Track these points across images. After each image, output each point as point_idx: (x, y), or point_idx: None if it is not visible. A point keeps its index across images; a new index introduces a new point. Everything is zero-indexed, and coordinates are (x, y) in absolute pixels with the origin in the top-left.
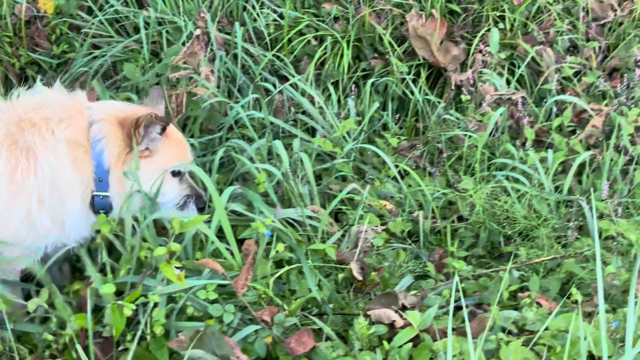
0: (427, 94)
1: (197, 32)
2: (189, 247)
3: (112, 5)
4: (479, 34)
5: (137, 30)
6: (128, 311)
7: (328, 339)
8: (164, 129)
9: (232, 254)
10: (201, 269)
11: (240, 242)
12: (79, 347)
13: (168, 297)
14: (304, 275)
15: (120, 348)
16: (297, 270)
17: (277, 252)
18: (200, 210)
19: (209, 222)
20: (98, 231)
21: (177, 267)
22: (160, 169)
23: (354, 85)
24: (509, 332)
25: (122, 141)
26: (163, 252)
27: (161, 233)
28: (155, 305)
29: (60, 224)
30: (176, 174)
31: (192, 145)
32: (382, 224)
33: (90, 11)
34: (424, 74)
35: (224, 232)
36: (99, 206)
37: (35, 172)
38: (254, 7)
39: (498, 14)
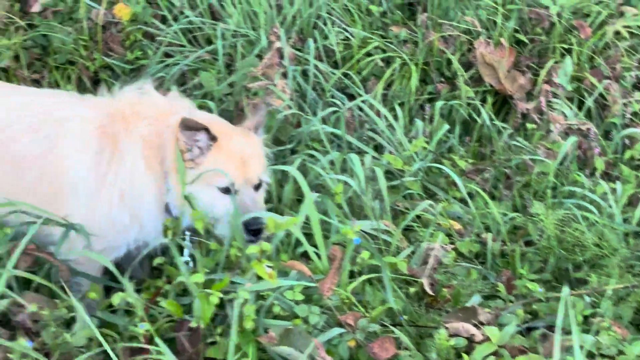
0: (492, 120)
1: (277, 45)
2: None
3: (186, 16)
4: (547, 65)
5: (209, 41)
6: (215, 299)
7: (405, 348)
8: (213, 139)
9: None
10: (287, 270)
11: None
12: (159, 340)
13: (256, 295)
14: (375, 286)
15: (207, 341)
16: (368, 281)
17: (362, 259)
18: (253, 233)
19: None
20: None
21: (267, 266)
22: (202, 181)
23: (419, 107)
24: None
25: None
26: (255, 250)
27: None
28: (245, 301)
29: (138, 222)
30: (224, 190)
31: None
32: (449, 243)
33: (164, 20)
34: (490, 100)
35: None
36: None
37: (117, 165)
38: (325, 24)
39: (565, 46)
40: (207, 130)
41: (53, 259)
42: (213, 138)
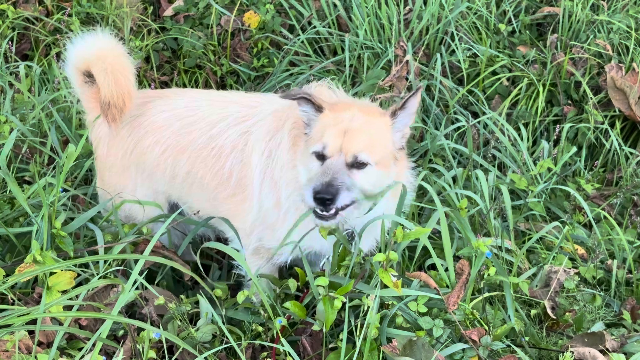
0: (621, 145)
1: (406, 58)
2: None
3: (314, 27)
4: None
5: (334, 52)
6: (339, 303)
7: None
8: (318, 109)
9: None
10: (411, 280)
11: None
12: (284, 340)
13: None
14: (496, 305)
15: (329, 346)
16: (488, 300)
17: (489, 275)
18: (319, 202)
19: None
20: None
21: (393, 275)
22: (306, 151)
23: (544, 129)
24: None
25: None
26: (382, 258)
27: None
28: (369, 309)
29: (279, 207)
30: (318, 156)
31: None
32: (572, 268)
33: (291, 29)
34: (618, 125)
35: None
36: None
37: (274, 157)
38: (452, 40)
39: None
40: (306, 99)
41: (177, 257)
42: (318, 108)
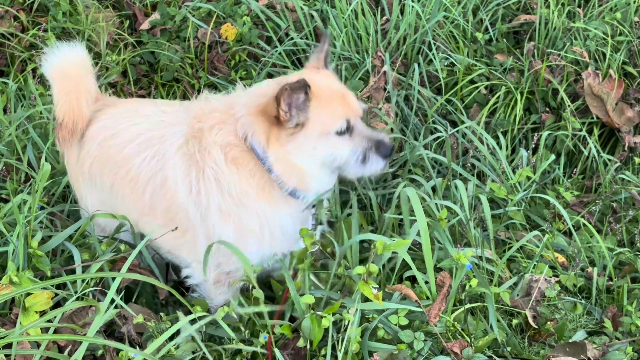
0: (599, 152)
1: (383, 68)
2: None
3: (292, 38)
4: None
5: None
6: (327, 322)
7: None
8: (306, 94)
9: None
10: (391, 293)
11: None
12: None
13: (360, 316)
14: (477, 316)
15: None
16: (469, 311)
17: (470, 287)
18: (386, 157)
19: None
20: None
21: (374, 287)
22: (318, 136)
23: (522, 137)
24: None
25: (265, 124)
26: (362, 271)
27: None
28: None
29: (243, 229)
30: (342, 132)
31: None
32: (553, 276)
33: (269, 41)
34: (596, 132)
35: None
36: (290, 193)
37: (204, 183)
38: (430, 50)
39: None
40: (307, 84)
41: (153, 276)
42: (307, 91)
